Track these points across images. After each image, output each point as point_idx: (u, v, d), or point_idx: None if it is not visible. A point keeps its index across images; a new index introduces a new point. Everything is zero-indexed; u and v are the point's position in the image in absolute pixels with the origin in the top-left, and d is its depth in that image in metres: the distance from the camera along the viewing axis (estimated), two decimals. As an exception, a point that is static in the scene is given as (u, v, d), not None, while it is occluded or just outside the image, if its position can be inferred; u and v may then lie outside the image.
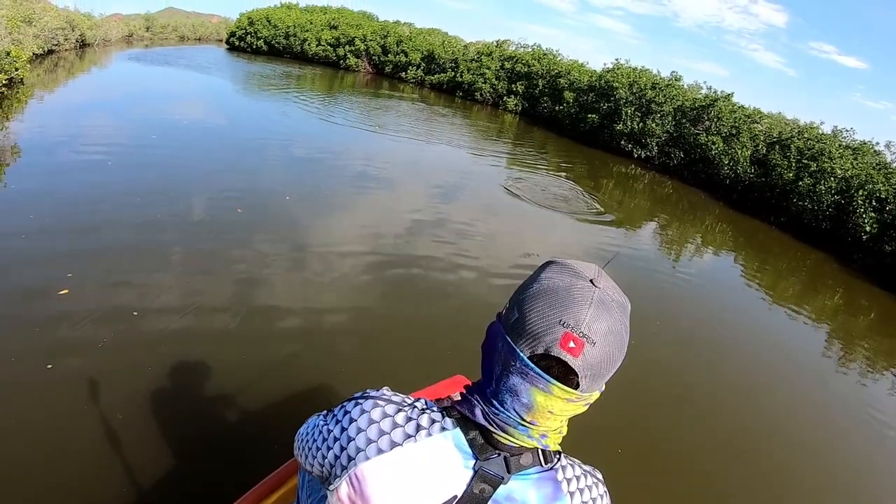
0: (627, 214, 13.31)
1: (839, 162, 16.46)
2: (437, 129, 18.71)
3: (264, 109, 16.64)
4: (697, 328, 7.85)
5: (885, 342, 10.22)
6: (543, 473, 0.99)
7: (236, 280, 5.51)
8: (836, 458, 5.60)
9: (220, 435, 3.53)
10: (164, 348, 4.14)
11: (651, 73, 22.88)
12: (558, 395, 0.91)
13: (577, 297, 0.90)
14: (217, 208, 7.40)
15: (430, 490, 0.95)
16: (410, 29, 35.87)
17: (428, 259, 7.18)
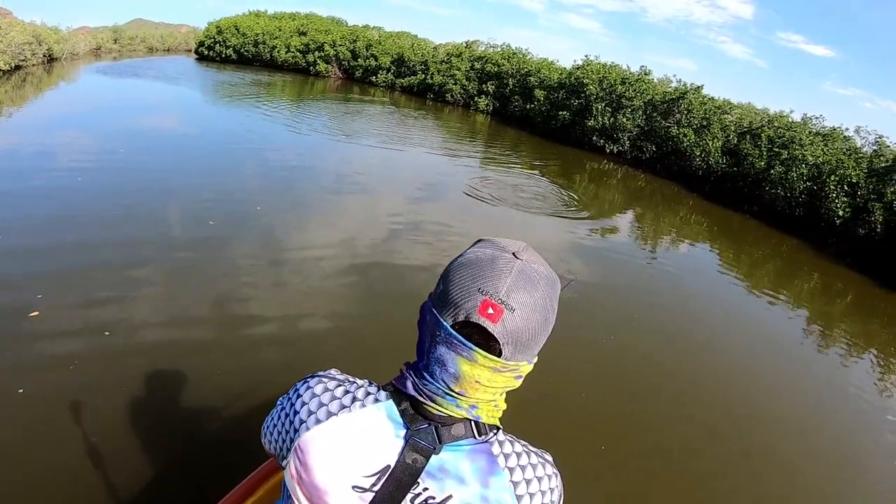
0: (603, 210, 13.26)
1: (810, 149, 16.55)
2: (409, 133, 18.51)
3: (234, 119, 16.27)
4: (677, 317, 7.82)
5: (863, 324, 10.29)
6: (477, 445, 0.98)
7: (209, 292, 5.44)
8: (820, 437, 5.66)
9: (200, 444, 3.51)
10: (137, 364, 4.08)
11: (621, 69, 22.95)
12: (482, 364, 0.92)
13: (497, 267, 0.92)
14: (189, 221, 7.27)
15: (363, 458, 0.96)
16: (380, 33, 35.73)
17: (405, 262, 7.16)
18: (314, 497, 0.98)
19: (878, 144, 16.65)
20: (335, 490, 0.97)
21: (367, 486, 0.96)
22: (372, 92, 29.18)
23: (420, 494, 0.95)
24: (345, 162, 12.79)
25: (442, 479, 0.96)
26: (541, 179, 14.84)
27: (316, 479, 0.97)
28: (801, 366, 7.70)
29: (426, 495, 0.95)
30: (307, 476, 0.98)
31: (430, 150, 16.39)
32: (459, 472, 0.96)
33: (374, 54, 32.25)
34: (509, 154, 18.40)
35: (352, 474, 0.96)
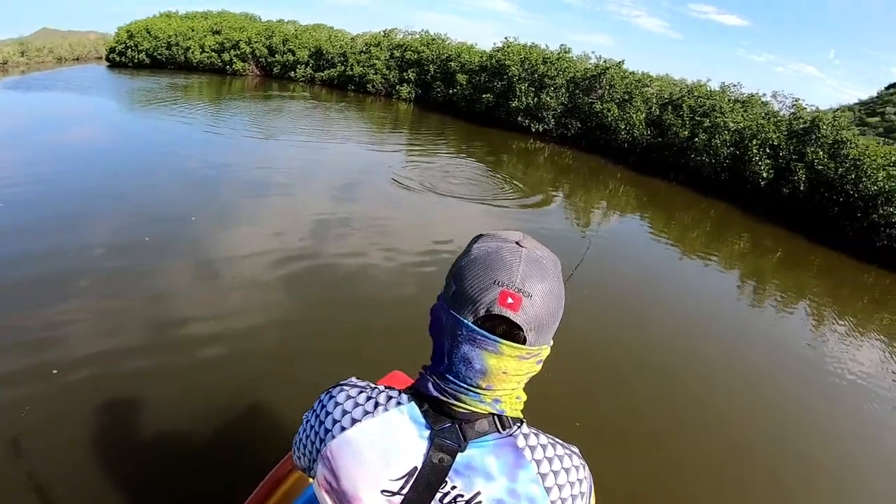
0: (532, 189, 12.94)
1: (731, 116, 16.73)
2: (333, 127, 17.62)
3: (153, 126, 14.92)
4: (612, 288, 7.80)
5: (794, 276, 10.51)
6: (502, 440, 0.99)
7: (155, 313, 5.19)
8: (764, 387, 5.92)
9: (167, 463, 3.44)
10: (89, 398, 3.89)
11: (541, 49, 22.78)
12: (508, 354, 0.93)
13: (506, 258, 0.94)
14: (124, 241, 6.73)
15: (390, 462, 0.96)
16: (295, 27, 34.59)
17: (337, 257, 7.03)
18: (344, 502, 0.99)
19: (794, 107, 16.96)
20: (365, 495, 0.97)
21: (395, 490, 0.96)
22: (292, 87, 28.19)
23: (448, 493, 0.96)
24: (270, 162, 12.06)
25: (469, 476, 0.96)
26: (468, 163, 14.48)
27: (345, 486, 0.98)
28: (738, 320, 7.86)
29: (454, 494, 0.96)
30: (336, 484, 1.00)
31: (355, 142, 15.64)
32: (486, 468, 0.96)
33: (292, 49, 31.16)
34: (435, 140, 17.97)
35: (380, 478, 0.96)
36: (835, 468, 4.83)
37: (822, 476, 4.69)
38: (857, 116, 65.84)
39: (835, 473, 4.77)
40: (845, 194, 13.33)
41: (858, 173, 13.34)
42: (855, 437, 5.46)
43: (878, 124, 68.64)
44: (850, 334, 8.18)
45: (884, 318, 9.27)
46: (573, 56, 22.45)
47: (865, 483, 4.75)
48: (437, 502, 0.96)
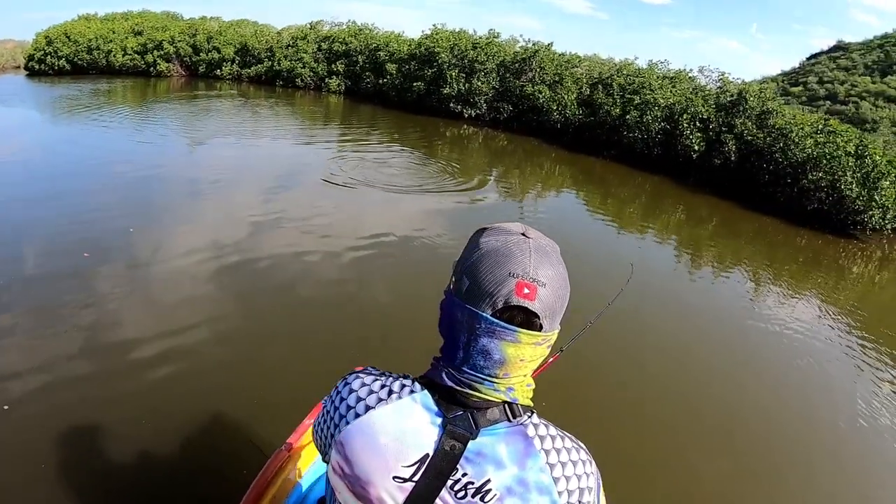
0: (468, 174, 12.70)
1: (660, 92, 16.84)
2: (262, 125, 16.82)
3: (79, 135, 13.79)
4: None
5: (729, 243, 10.57)
6: (512, 428, 1.00)
7: (100, 333, 4.82)
8: (704, 350, 6.03)
9: (126, 498, 3.23)
10: (38, 433, 3.58)
11: (469, 34, 22.59)
12: (526, 342, 0.96)
13: (516, 251, 0.97)
14: (61, 259, 6.14)
15: (402, 448, 0.97)
16: (219, 23, 33.45)
17: (272, 257, 6.71)
18: (357, 489, 1.01)
19: (721, 81, 17.21)
20: (377, 481, 0.98)
21: (407, 476, 0.97)
22: (218, 86, 27.22)
23: (459, 481, 0.97)
24: (202, 166, 11.32)
25: (480, 463, 0.97)
26: (402, 153, 14.12)
27: (358, 471, 1.00)
28: (678, 289, 7.96)
29: (465, 481, 0.97)
30: (349, 469, 1.01)
31: (287, 139, 14.99)
32: (497, 456, 0.98)
33: (217, 46, 30.11)
34: (368, 132, 17.52)
35: (392, 464, 0.98)
36: (784, 417, 4.95)
37: (773, 426, 4.78)
38: (781, 87, 68.29)
39: (784, 421, 4.89)
40: (775, 162, 13.54)
41: (786, 142, 13.57)
42: (800, 386, 5.60)
43: (802, 93, 71.25)
44: (787, 293, 8.27)
45: (818, 277, 9.40)
46: (502, 41, 22.33)
47: (806, 422, 4.99)
48: (448, 489, 0.98)
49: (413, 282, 6.50)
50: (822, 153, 12.69)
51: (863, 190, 11.98)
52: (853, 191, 11.94)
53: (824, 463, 4.47)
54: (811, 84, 74.22)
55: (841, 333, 7.02)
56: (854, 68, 73.46)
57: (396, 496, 0.98)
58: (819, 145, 12.98)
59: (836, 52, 79.37)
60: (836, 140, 12.91)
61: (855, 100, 65.02)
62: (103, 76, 29.94)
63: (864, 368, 6.11)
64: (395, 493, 0.98)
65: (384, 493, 0.98)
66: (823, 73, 75.13)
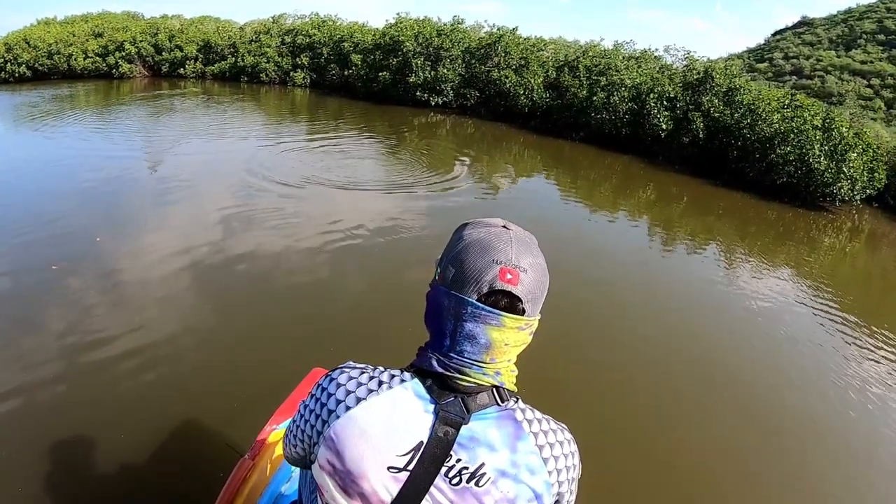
0: (436, 161, 12.55)
1: (626, 73, 16.74)
2: (229, 123, 16.22)
3: (40, 144, 13.13)
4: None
5: (701, 220, 10.54)
6: (502, 412, 1.03)
7: (73, 341, 4.65)
8: (681, 325, 6.04)
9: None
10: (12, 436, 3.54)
11: (433, 22, 22.32)
12: (510, 326, 1.01)
13: (498, 241, 1.02)
14: (26, 275, 5.90)
15: (396, 438, 0.98)
16: (181, 21, 32.79)
17: (253, 260, 6.49)
18: (348, 485, 1.01)
19: (687, 60, 17.15)
20: (371, 473, 0.99)
21: (401, 466, 0.98)
22: (182, 85, 26.63)
23: (454, 467, 0.99)
24: (166, 169, 10.75)
25: (473, 448, 0.99)
26: (370, 147, 13.85)
27: (350, 465, 1.00)
28: (652, 267, 7.89)
29: (459, 467, 0.99)
30: (341, 464, 1.00)
31: (252, 138, 14.18)
32: (489, 440, 1.00)
33: (179, 45, 29.47)
34: (334, 125, 17.19)
35: (386, 455, 0.98)
36: (755, 381, 5.12)
37: (746, 393, 4.90)
38: (747, 64, 68.83)
39: (755, 387, 5.02)
40: (743, 138, 13.53)
41: (754, 117, 13.58)
42: (773, 355, 5.67)
43: (767, 69, 71.84)
44: (760, 267, 8.27)
45: (790, 249, 9.39)
46: (466, 27, 22.11)
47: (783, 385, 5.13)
48: (443, 477, 0.99)
49: (389, 275, 6.39)
50: (790, 128, 12.72)
51: (831, 162, 12.01)
52: (821, 163, 11.96)
53: (798, 427, 4.55)
54: (777, 60, 74.73)
55: (814, 303, 7.07)
56: (819, 43, 74.09)
57: (391, 487, 0.99)
58: (786, 120, 13.02)
59: (801, 28, 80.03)
60: (802, 114, 12.94)
61: (821, 74, 65.56)
62: (65, 81, 29.11)
63: (838, 336, 6.19)
64: (390, 484, 0.99)
65: (378, 485, 0.99)
66: (788, 49, 75.67)
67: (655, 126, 14.90)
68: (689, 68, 16.56)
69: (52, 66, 30.71)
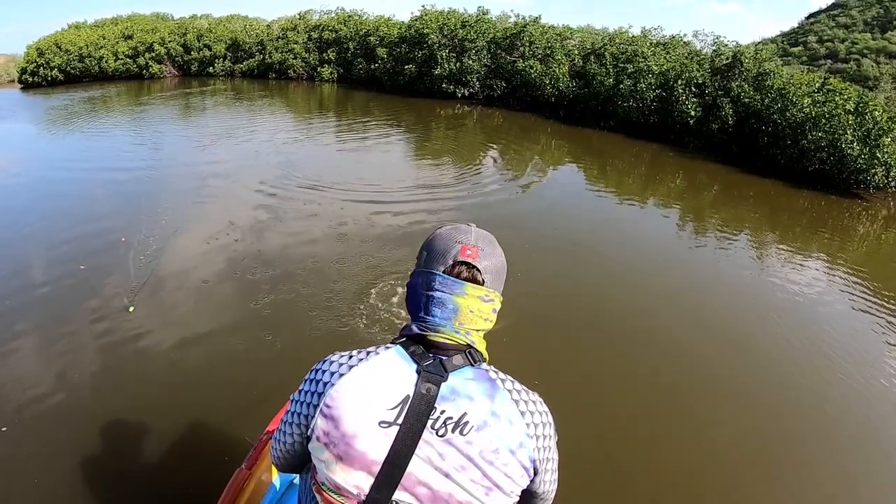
0: (464, 152, 12.75)
1: (653, 59, 16.53)
2: (258, 121, 16.41)
3: (73, 146, 13.55)
4: (560, 241, 7.64)
5: (732, 209, 10.39)
6: (477, 371, 1.17)
7: (103, 338, 4.86)
8: (708, 312, 6.03)
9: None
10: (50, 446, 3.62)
11: (459, 13, 22.27)
12: (472, 294, 1.20)
13: (462, 230, 1.25)
14: (57, 270, 6.21)
15: (386, 393, 1.12)
16: (209, 21, 33.18)
17: (271, 265, 6.37)
18: (343, 448, 1.10)
19: (716, 45, 16.85)
20: (363, 430, 1.09)
21: (391, 420, 1.09)
22: (212, 83, 26.98)
23: (439, 418, 1.10)
24: (194, 166, 10.95)
25: (455, 399, 1.12)
26: (396, 145, 13.82)
27: (345, 427, 1.10)
28: (684, 257, 7.84)
29: (444, 418, 1.10)
30: (336, 429, 1.11)
31: (281, 135, 14.25)
32: (468, 392, 1.13)
33: (207, 44, 29.89)
34: (362, 120, 17.29)
35: (377, 410, 1.10)
36: (796, 377, 4.98)
37: (787, 386, 4.84)
38: (781, 48, 67.49)
39: (795, 381, 4.93)
40: (773, 124, 13.28)
41: (784, 102, 13.31)
42: (812, 350, 5.49)
43: (802, 53, 70.38)
44: (791, 255, 8.19)
45: (824, 238, 9.22)
46: (492, 17, 22.01)
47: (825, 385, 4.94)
48: (429, 429, 1.09)
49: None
50: (822, 112, 12.44)
51: (864, 148, 11.73)
52: (854, 149, 11.70)
53: (827, 409, 4.59)
54: (811, 44, 73.29)
55: (848, 293, 6.93)
56: (854, 25, 72.48)
57: (383, 443, 1.08)
58: (818, 104, 12.73)
59: (835, 10, 78.24)
60: (835, 99, 12.64)
61: (856, 57, 64.25)
62: (96, 83, 29.64)
63: (873, 327, 6.06)
64: (381, 440, 1.08)
65: (371, 442, 1.08)
66: (823, 32, 74.15)
67: (684, 113, 14.72)
68: (717, 53, 16.29)
69: (83, 68, 31.27)
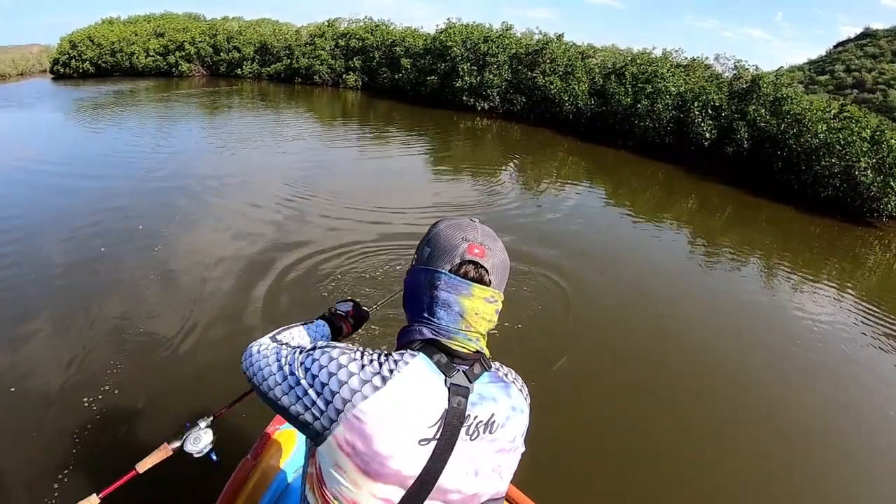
0: (481, 165, 12.97)
1: (672, 80, 16.64)
2: (282, 121, 16.94)
3: (98, 138, 13.86)
4: (573, 258, 7.56)
5: (743, 231, 10.38)
6: (491, 375, 1.25)
7: (117, 326, 5.01)
8: (715, 335, 6.06)
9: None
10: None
11: (483, 27, 22.53)
12: (478, 296, 1.20)
13: (466, 227, 1.25)
14: (80, 255, 6.50)
15: (425, 412, 1.13)
16: (239, 23, 33.75)
17: (297, 262, 6.47)
18: (374, 466, 1.11)
19: (737, 69, 16.96)
20: (401, 450, 1.11)
21: (431, 436, 1.12)
22: (239, 84, 27.47)
23: (472, 424, 1.17)
24: (216, 166, 11.09)
25: (482, 404, 1.19)
26: (416, 162, 13.52)
27: (378, 446, 1.10)
28: (694, 280, 7.84)
29: (475, 422, 1.17)
30: (367, 446, 1.10)
31: (306, 139, 14.66)
32: (492, 395, 1.21)
33: (237, 46, 30.44)
34: (383, 128, 17.64)
35: (418, 429, 1.11)
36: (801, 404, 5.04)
37: (801, 410, 4.92)
38: (808, 76, 67.08)
39: (809, 406, 5.02)
40: (788, 149, 13.35)
41: (800, 128, 13.36)
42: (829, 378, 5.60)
43: (828, 82, 69.99)
44: (802, 282, 8.22)
45: (834, 265, 9.24)
46: (517, 33, 22.24)
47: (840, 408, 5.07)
48: (463, 435, 1.15)
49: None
50: (836, 139, 12.48)
51: (878, 176, 11.76)
52: (868, 177, 11.74)
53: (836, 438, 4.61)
54: (838, 73, 72.84)
55: (856, 321, 6.96)
56: (882, 55, 71.98)
57: (419, 460, 1.11)
58: (833, 131, 12.77)
59: (864, 40, 77.72)
60: (851, 126, 12.67)
61: (883, 87, 63.71)
62: (126, 78, 30.35)
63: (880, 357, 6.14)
64: (419, 458, 1.12)
65: (407, 461, 1.11)
66: (850, 61, 73.65)
67: (699, 135, 14.82)
68: (737, 77, 16.40)
69: (114, 63, 32.03)
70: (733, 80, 16.32)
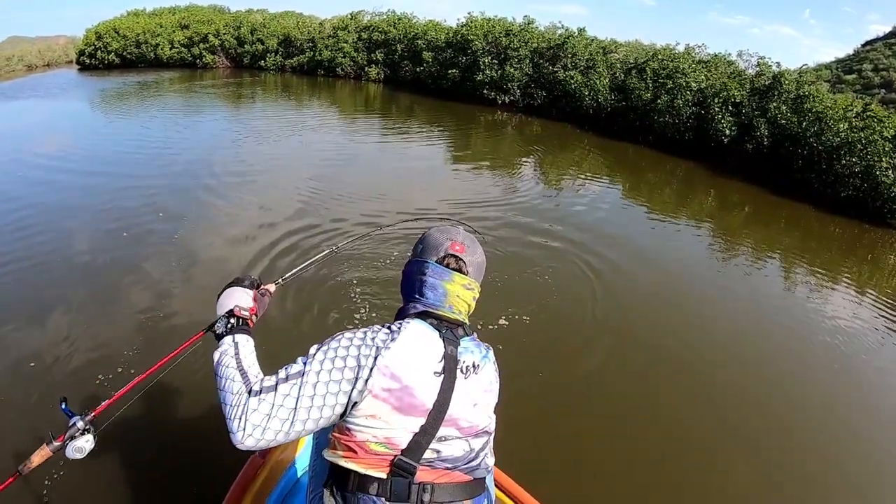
0: (501, 160, 13.15)
1: (693, 76, 16.53)
2: (304, 117, 16.93)
3: (122, 128, 14.19)
4: (590, 254, 7.59)
5: (763, 230, 10.33)
6: (471, 339, 1.65)
7: (141, 305, 5.30)
8: (733, 337, 5.99)
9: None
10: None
11: (505, 21, 22.47)
12: (458, 282, 1.65)
13: (452, 230, 1.74)
14: (101, 239, 6.84)
15: (433, 352, 1.53)
16: (264, 16, 33.94)
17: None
18: (406, 399, 1.45)
19: (759, 66, 16.81)
20: (423, 381, 1.47)
21: (440, 370, 1.51)
22: (263, 76, 27.72)
23: (465, 365, 1.57)
24: (238, 156, 11.37)
25: (469, 352, 1.60)
26: (436, 154, 13.77)
27: (408, 380, 1.45)
28: (711, 278, 7.85)
29: (466, 364, 1.57)
30: (399, 383, 1.44)
31: (330, 133, 14.78)
32: (472, 349, 1.62)
33: (261, 38, 30.66)
34: (406, 120, 17.87)
35: (430, 363, 1.50)
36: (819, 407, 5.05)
37: (812, 415, 4.91)
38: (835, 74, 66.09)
39: (820, 411, 4.99)
40: (809, 147, 13.24)
41: (821, 126, 13.26)
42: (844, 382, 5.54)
43: (856, 81, 68.94)
44: (821, 283, 8.13)
45: (853, 266, 9.16)
46: (540, 27, 22.15)
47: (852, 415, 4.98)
48: (460, 373, 1.54)
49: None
50: (857, 138, 12.37)
51: (900, 176, 11.64)
52: (889, 177, 11.62)
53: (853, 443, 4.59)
54: (866, 72, 71.61)
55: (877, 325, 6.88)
56: (911, 55, 70.72)
57: (433, 390, 1.47)
58: (854, 130, 12.66)
59: (893, 39, 76.36)
60: (873, 125, 12.55)
61: (911, 88, 62.59)
62: (151, 69, 30.67)
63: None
64: (433, 387, 1.47)
65: (426, 390, 1.46)
66: (879, 61, 72.30)
67: (718, 131, 14.76)
68: (759, 74, 16.26)
69: (139, 54, 32.45)
70: (755, 76, 16.16)
